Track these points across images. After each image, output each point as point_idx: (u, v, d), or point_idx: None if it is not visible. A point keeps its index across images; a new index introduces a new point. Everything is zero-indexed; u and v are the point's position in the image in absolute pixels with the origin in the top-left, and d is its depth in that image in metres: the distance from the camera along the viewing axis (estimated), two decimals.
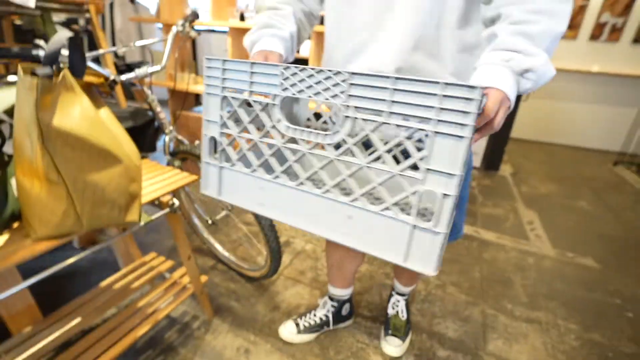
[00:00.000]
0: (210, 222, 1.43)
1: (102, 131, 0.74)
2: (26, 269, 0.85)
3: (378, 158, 0.52)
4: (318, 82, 0.53)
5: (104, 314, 1.06)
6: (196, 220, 1.51)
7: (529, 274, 1.69)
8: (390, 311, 1.31)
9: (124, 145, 0.82)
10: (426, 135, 0.47)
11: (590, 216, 2.39)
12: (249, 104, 0.63)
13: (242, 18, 1.98)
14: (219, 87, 0.62)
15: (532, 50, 0.56)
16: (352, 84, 0.50)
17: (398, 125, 0.49)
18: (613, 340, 1.34)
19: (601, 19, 3.57)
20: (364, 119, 0.51)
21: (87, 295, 1.08)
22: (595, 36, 3.65)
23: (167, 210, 0.97)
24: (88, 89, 0.82)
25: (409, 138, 0.49)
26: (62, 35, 0.69)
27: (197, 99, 2.48)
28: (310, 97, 0.55)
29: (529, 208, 2.41)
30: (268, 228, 1.17)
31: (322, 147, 0.57)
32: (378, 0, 0.71)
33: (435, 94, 0.45)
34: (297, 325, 1.24)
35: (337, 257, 1.16)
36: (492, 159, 3.04)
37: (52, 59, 0.66)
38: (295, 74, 0.55)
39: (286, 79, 0.56)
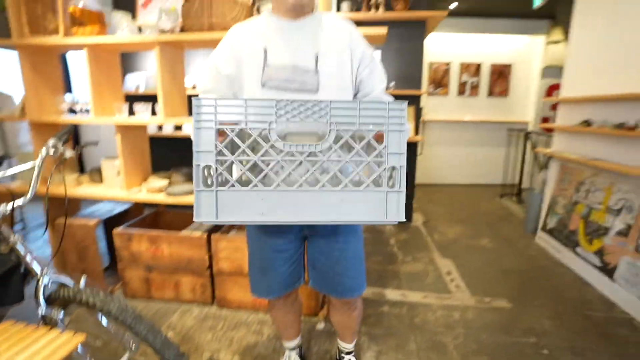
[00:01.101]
0: None
1: None
2: None
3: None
4: (306, 109, 0.75)
5: None
6: None
7: (458, 331, 1.75)
8: None
9: None
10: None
11: (493, 253, 2.65)
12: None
13: (131, 111, 1.81)
14: (213, 122, 0.74)
15: None
16: (332, 108, 0.76)
17: (368, 130, 0.77)
18: None
19: (462, 79, 4.34)
20: (344, 129, 0.77)
21: None
22: (461, 92, 4.42)
23: None
24: None
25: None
26: None
27: (83, 202, 2.10)
28: (302, 119, 0.75)
29: (444, 257, 2.58)
30: None
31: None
32: (304, 92, 0.93)
33: (384, 108, 0.77)
34: None
35: (281, 316, 1.31)
36: (405, 209, 3.26)
37: None
38: (288, 104, 0.75)
39: (279, 109, 0.75)
